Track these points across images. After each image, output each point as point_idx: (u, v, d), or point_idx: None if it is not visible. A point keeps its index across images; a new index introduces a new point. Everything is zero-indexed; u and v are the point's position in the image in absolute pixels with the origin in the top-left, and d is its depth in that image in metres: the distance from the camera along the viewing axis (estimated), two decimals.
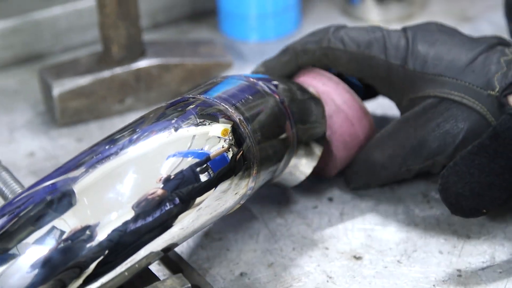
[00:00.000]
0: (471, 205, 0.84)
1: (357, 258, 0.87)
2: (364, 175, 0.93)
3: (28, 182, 0.90)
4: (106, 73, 1.06)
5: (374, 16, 1.23)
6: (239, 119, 0.79)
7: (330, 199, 0.94)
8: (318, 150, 0.89)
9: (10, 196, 0.84)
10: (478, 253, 0.87)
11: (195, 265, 0.86)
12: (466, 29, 1.18)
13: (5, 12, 1.16)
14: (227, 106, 0.80)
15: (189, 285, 0.74)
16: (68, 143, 1.04)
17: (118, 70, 1.06)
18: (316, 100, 0.88)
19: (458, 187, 0.83)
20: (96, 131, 1.06)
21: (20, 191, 0.84)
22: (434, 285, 0.83)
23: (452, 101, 0.87)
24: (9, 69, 1.17)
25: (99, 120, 1.08)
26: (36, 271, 0.70)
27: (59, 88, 1.04)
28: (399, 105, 0.93)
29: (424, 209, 0.92)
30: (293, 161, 0.87)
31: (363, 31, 0.92)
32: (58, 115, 1.05)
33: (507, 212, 0.90)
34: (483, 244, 0.87)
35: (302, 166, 0.89)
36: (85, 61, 1.08)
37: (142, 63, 1.07)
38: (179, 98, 0.81)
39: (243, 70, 1.15)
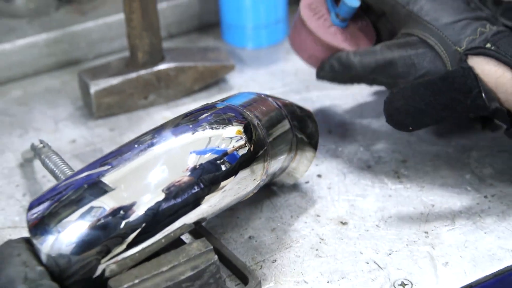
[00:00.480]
0: (402, 121, 0.86)
1: (344, 223, 0.85)
2: (335, 70, 0.92)
3: (72, 164, 0.89)
4: (133, 75, 1.03)
5: None
6: (257, 123, 0.78)
7: (319, 176, 0.92)
8: (311, 156, 0.87)
9: (61, 176, 0.82)
10: (441, 218, 0.85)
11: (212, 230, 0.85)
12: None
13: (48, 26, 1.14)
14: (248, 112, 0.78)
15: (212, 247, 0.72)
16: (103, 132, 1.02)
17: (142, 72, 1.04)
18: (311, 117, 0.86)
19: (399, 104, 0.85)
20: (125, 122, 1.04)
21: (68, 171, 0.82)
22: (407, 245, 0.82)
23: (427, 44, 0.87)
24: (52, 72, 1.14)
25: (127, 113, 1.05)
26: (85, 238, 0.69)
27: (95, 87, 1.02)
28: (394, 36, 0.93)
29: (395, 183, 0.90)
30: (293, 163, 0.85)
31: None
32: (94, 109, 1.03)
33: (462, 184, 0.89)
34: (445, 211, 0.86)
35: (299, 167, 0.87)
36: (115, 65, 1.05)
37: (162, 66, 1.04)
38: (208, 104, 0.80)
39: (243, 71, 1.13)
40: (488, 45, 0.84)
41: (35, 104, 1.08)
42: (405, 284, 0.77)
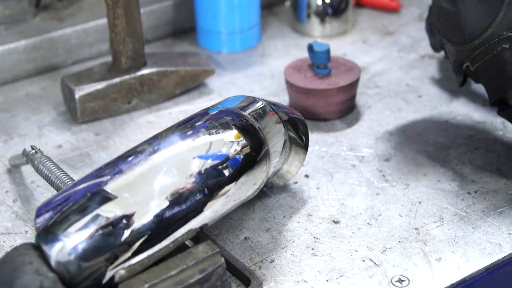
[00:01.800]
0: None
1: (336, 222, 0.82)
2: None
3: None
4: (116, 80, 0.99)
5: (317, 32, 1.17)
6: (258, 126, 0.74)
7: (307, 176, 0.89)
8: (303, 158, 0.83)
9: (56, 182, 0.77)
10: (429, 215, 0.83)
11: (207, 232, 0.81)
12: (389, 42, 1.15)
13: (27, 32, 1.08)
14: (245, 115, 0.75)
15: (218, 250, 0.69)
16: (88, 136, 0.97)
17: (126, 76, 0.99)
18: (301, 119, 0.83)
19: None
20: (109, 126, 0.99)
21: (64, 177, 0.77)
22: (399, 242, 0.79)
23: None
24: (32, 78, 1.08)
25: (111, 117, 1.00)
26: (93, 245, 0.65)
27: (80, 92, 0.97)
28: None
29: (381, 182, 0.88)
30: (285, 165, 0.81)
31: None
32: (79, 113, 0.98)
33: (445, 181, 0.87)
34: (432, 208, 0.84)
35: (291, 169, 0.83)
36: (98, 70, 1.00)
37: (145, 71, 1.00)
38: (205, 109, 0.76)
39: (221, 75, 1.09)
40: None
41: (17, 110, 1.02)
42: (402, 281, 0.75)
